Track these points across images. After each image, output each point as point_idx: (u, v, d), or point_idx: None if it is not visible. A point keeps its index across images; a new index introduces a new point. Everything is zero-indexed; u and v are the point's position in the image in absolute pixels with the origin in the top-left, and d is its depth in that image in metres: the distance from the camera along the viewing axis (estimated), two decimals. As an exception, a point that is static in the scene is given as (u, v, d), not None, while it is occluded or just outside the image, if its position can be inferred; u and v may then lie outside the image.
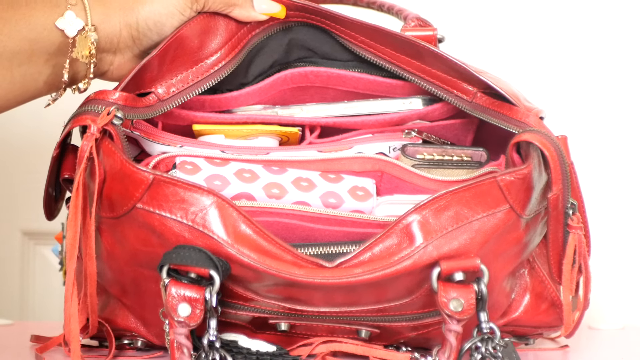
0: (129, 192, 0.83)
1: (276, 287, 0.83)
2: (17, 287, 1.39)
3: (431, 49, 0.92)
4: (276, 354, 0.84)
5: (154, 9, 0.90)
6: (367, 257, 0.82)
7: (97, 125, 0.83)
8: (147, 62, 0.89)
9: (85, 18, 0.88)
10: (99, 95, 0.86)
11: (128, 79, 0.87)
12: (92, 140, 0.83)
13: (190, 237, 0.81)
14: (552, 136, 0.87)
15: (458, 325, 0.81)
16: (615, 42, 1.33)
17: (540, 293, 0.92)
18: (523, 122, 0.88)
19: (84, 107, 0.86)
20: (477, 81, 0.91)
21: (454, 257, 0.82)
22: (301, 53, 0.96)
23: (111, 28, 0.89)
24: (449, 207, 0.83)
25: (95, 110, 0.85)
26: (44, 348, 0.89)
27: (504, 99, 0.90)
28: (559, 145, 0.86)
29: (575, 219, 0.88)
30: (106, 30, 0.89)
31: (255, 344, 0.85)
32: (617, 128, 1.33)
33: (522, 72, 1.32)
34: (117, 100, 0.86)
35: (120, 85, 0.87)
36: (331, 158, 0.91)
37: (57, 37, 0.88)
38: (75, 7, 0.88)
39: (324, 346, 0.88)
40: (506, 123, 0.90)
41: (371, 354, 0.88)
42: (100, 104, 0.85)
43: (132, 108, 0.87)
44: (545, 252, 0.91)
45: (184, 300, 0.79)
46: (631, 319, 1.29)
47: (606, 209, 1.31)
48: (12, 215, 1.39)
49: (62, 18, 0.87)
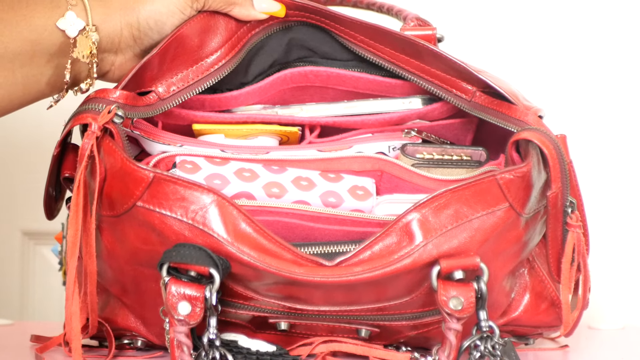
0: (130, 191, 0.83)
1: (276, 286, 0.83)
2: (17, 287, 1.39)
3: (430, 48, 0.92)
4: (276, 353, 0.84)
5: (155, 8, 0.90)
6: (367, 256, 0.83)
7: (98, 123, 0.84)
8: (147, 61, 0.89)
9: (86, 18, 0.88)
10: (100, 94, 0.86)
11: (128, 78, 0.88)
12: (93, 138, 0.83)
13: (190, 235, 0.81)
14: (551, 134, 0.87)
15: (458, 323, 0.81)
16: (614, 41, 1.33)
17: (540, 292, 0.92)
18: (522, 120, 0.89)
19: (85, 105, 0.86)
20: (476, 80, 0.91)
21: (453, 255, 0.82)
22: (301, 53, 0.97)
23: (112, 28, 0.89)
24: (449, 205, 0.83)
25: (96, 109, 0.85)
26: (44, 348, 0.89)
27: (503, 97, 0.90)
28: (557, 144, 0.87)
29: (574, 217, 0.88)
30: (107, 30, 0.89)
31: (255, 343, 0.85)
32: (617, 127, 1.33)
33: (520, 71, 1.32)
34: (118, 98, 0.86)
35: (120, 84, 0.87)
36: (331, 157, 0.91)
37: (58, 37, 0.88)
38: (76, 8, 0.88)
39: (323, 346, 0.88)
40: (505, 122, 0.90)
41: (371, 353, 0.88)
42: (101, 102, 0.85)
43: (132, 107, 0.87)
44: (545, 251, 0.91)
45: (184, 298, 0.79)
46: (631, 319, 1.30)
47: (606, 208, 1.31)
48: (12, 215, 1.39)
49: (63, 19, 0.88)
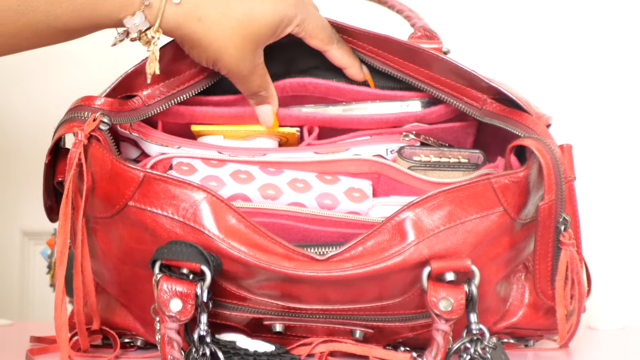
0: (121, 191, 0.84)
1: (268, 283, 0.83)
2: (17, 287, 1.40)
3: (439, 57, 0.92)
4: (274, 353, 0.84)
5: None
6: (358, 252, 0.83)
7: (84, 132, 0.84)
8: (137, 68, 0.89)
9: (154, 20, 0.85)
10: (85, 102, 0.87)
11: (113, 85, 0.88)
12: (80, 147, 0.84)
13: (182, 233, 0.82)
14: (552, 146, 0.86)
15: (446, 324, 0.81)
16: (618, 50, 1.33)
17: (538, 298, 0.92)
18: (531, 128, 0.88)
19: (70, 114, 0.87)
20: (486, 88, 0.92)
21: (445, 257, 0.82)
22: (303, 65, 0.97)
23: (179, 33, 0.87)
24: (442, 206, 0.84)
25: (82, 117, 0.86)
26: (42, 351, 0.90)
27: (515, 104, 0.90)
28: (556, 156, 0.86)
29: (567, 235, 0.87)
30: (174, 34, 0.87)
31: (254, 344, 0.85)
32: (617, 128, 1.33)
33: (524, 80, 1.32)
34: (102, 106, 0.87)
35: (105, 91, 0.88)
36: (328, 160, 0.91)
37: (120, 27, 0.86)
38: (149, 9, 0.85)
39: (323, 346, 0.88)
40: (514, 127, 0.89)
41: (371, 353, 0.88)
42: (86, 110, 0.86)
43: (117, 112, 0.87)
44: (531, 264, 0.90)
45: (175, 295, 0.79)
46: (631, 319, 1.29)
47: (606, 209, 1.31)
48: (12, 215, 1.39)
49: (131, 18, 0.85)
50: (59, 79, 1.37)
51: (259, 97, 0.92)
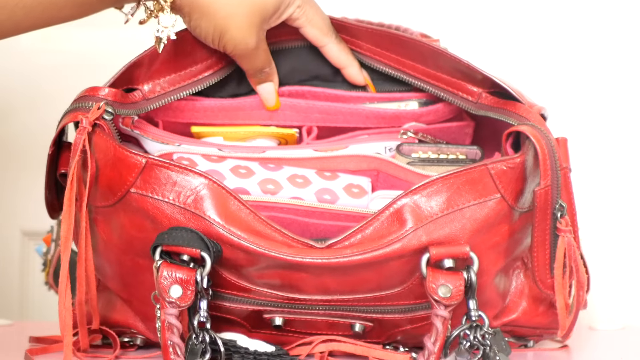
0: (123, 177, 0.84)
1: (268, 271, 0.83)
2: (17, 287, 1.40)
3: (436, 49, 0.93)
4: (274, 353, 0.84)
5: None
6: (357, 239, 0.84)
7: (89, 119, 0.85)
8: (139, 59, 0.90)
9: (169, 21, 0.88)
10: (90, 92, 0.88)
11: (117, 76, 0.89)
12: (84, 133, 0.85)
13: (183, 219, 0.83)
14: (546, 132, 0.87)
15: (445, 310, 0.81)
16: (615, 47, 1.34)
17: (538, 295, 0.92)
18: (524, 117, 0.89)
19: (75, 104, 0.88)
20: (481, 81, 0.92)
21: (443, 243, 0.83)
22: (302, 76, 0.98)
23: None
24: (440, 192, 0.84)
25: (86, 107, 0.87)
26: (41, 351, 0.90)
27: (509, 96, 0.91)
28: (551, 142, 0.87)
29: (563, 222, 0.87)
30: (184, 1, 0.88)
31: (254, 343, 0.85)
32: (618, 128, 1.33)
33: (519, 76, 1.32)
34: (107, 96, 0.88)
35: (109, 82, 0.89)
36: (327, 156, 0.92)
37: None
38: None
39: (323, 345, 0.88)
40: (508, 117, 0.90)
41: (370, 353, 0.88)
42: (91, 100, 0.87)
43: (120, 104, 0.88)
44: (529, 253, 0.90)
45: (175, 281, 0.80)
46: (631, 319, 1.29)
47: (606, 208, 1.31)
48: (12, 215, 1.39)
49: None
50: (59, 80, 1.37)
51: (263, 74, 0.93)
